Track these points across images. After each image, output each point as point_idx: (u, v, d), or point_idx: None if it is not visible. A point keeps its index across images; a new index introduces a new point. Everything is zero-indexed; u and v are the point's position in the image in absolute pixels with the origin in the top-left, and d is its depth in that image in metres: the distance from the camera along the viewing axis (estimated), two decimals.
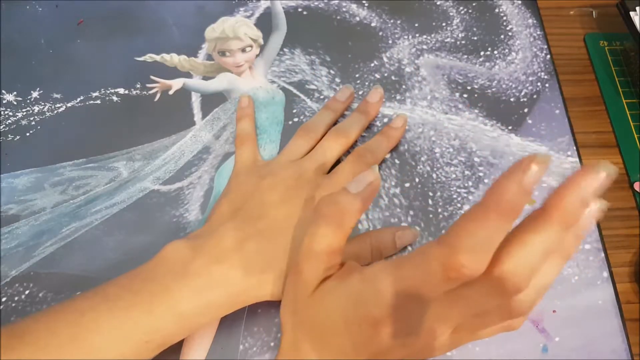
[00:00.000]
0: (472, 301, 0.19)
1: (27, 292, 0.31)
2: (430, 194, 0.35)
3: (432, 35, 0.43)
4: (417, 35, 0.43)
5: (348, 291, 0.21)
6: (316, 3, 0.44)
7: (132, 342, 0.23)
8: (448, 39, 0.43)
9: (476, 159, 0.37)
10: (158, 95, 0.39)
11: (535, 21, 0.44)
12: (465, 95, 0.40)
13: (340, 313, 0.21)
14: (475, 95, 0.40)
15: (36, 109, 0.38)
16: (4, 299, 0.31)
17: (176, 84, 0.39)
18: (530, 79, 0.41)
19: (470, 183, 0.36)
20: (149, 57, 0.40)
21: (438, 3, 0.45)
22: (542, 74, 0.41)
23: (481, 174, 0.36)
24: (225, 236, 0.26)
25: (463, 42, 0.43)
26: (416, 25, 0.44)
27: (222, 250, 0.25)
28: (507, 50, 0.42)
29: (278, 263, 0.26)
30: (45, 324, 0.23)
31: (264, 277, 0.25)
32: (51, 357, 0.22)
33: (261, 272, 0.25)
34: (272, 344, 0.30)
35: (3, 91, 0.38)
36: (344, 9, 0.44)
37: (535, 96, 0.40)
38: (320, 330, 0.22)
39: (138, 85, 0.39)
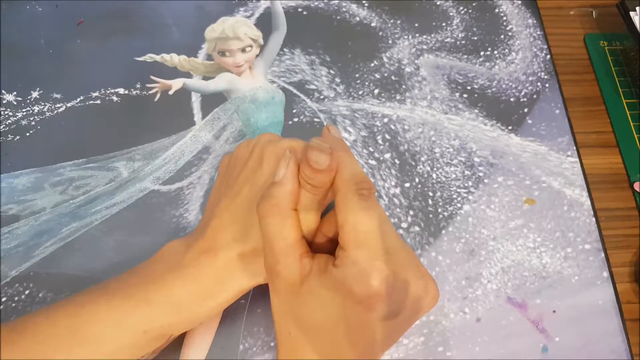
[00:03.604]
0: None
1: (27, 292, 0.31)
2: (430, 194, 0.35)
3: (432, 35, 0.43)
4: (417, 35, 0.43)
5: (331, 284, 0.22)
6: (316, 3, 0.44)
7: (129, 331, 0.23)
8: (448, 39, 0.43)
9: (476, 159, 0.37)
10: (158, 95, 0.39)
11: (535, 21, 0.44)
12: (465, 95, 0.40)
13: (331, 307, 0.22)
14: (475, 95, 0.40)
15: (36, 109, 0.38)
16: (4, 299, 0.31)
17: (176, 84, 0.39)
18: (530, 79, 0.41)
19: (470, 183, 0.36)
20: (149, 57, 0.41)
21: (438, 3, 0.45)
22: (542, 74, 0.41)
23: (481, 174, 0.36)
24: (215, 229, 0.26)
25: (463, 42, 0.43)
26: (416, 25, 0.44)
27: (211, 242, 0.26)
28: (507, 50, 0.42)
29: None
30: (45, 317, 0.23)
31: (252, 267, 0.25)
32: (49, 348, 0.22)
33: (250, 261, 0.25)
34: (272, 344, 0.30)
35: (3, 91, 0.38)
36: (344, 9, 0.44)
37: (535, 96, 0.40)
38: (316, 329, 0.22)
39: (138, 85, 0.39)
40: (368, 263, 0.21)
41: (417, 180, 0.36)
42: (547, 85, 0.41)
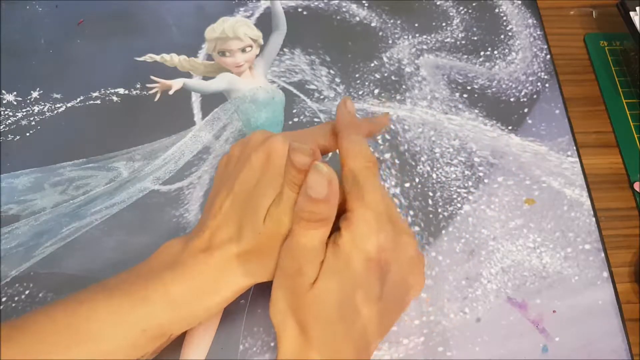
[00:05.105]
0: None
1: (27, 292, 0.31)
2: (430, 194, 0.35)
3: (432, 35, 0.43)
4: (417, 35, 0.43)
5: (342, 251, 0.23)
6: (316, 3, 0.44)
7: (128, 329, 0.23)
8: (448, 39, 0.43)
9: (476, 159, 0.37)
10: (158, 95, 0.39)
11: (535, 21, 0.44)
12: (465, 95, 0.40)
13: (335, 297, 0.23)
14: (475, 95, 0.40)
15: (36, 109, 0.38)
16: (4, 299, 0.31)
17: (176, 84, 0.39)
18: (530, 79, 0.41)
19: (470, 183, 0.36)
20: (149, 57, 0.41)
21: (438, 3, 0.45)
22: (542, 74, 0.41)
23: (481, 174, 0.36)
24: (211, 229, 0.26)
25: (463, 42, 0.43)
26: (416, 25, 0.44)
27: (207, 242, 0.26)
28: (507, 50, 0.42)
29: (263, 250, 0.26)
30: (44, 315, 0.23)
31: (249, 265, 0.26)
32: (49, 346, 0.22)
33: (247, 260, 0.26)
34: (272, 344, 0.30)
35: (3, 91, 0.38)
36: (344, 9, 0.44)
37: (535, 96, 0.40)
38: (323, 320, 0.23)
39: (138, 85, 0.39)
40: (375, 222, 0.23)
41: (417, 180, 0.36)
42: (547, 85, 0.41)
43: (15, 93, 0.38)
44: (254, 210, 0.25)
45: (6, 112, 0.38)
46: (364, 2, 0.44)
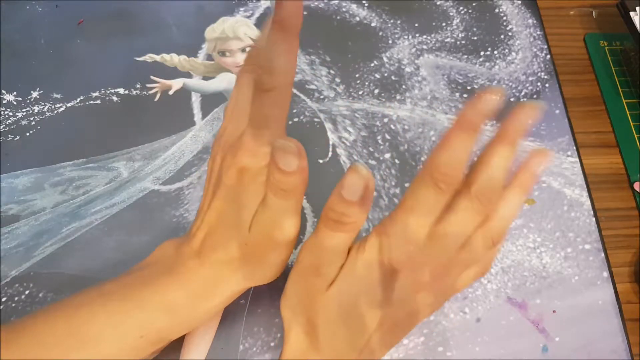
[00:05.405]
0: (455, 227, 0.22)
1: (27, 292, 0.31)
2: None
3: (432, 35, 0.43)
4: (417, 35, 0.43)
5: (366, 258, 0.23)
6: (316, 3, 0.44)
7: (127, 333, 0.23)
8: (448, 39, 0.43)
9: (476, 159, 0.37)
10: (158, 95, 0.39)
11: (535, 21, 0.44)
12: (465, 95, 0.40)
13: (345, 301, 0.23)
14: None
15: (36, 109, 0.38)
16: (4, 299, 0.31)
17: (176, 84, 0.39)
18: (530, 79, 0.41)
19: None
20: (149, 57, 0.40)
21: (438, 3, 0.45)
22: (542, 74, 0.41)
23: None
24: (200, 236, 0.26)
25: (463, 42, 0.43)
26: (416, 25, 0.44)
27: (197, 250, 0.26)
28: (507, 50, 0.42)
29: (256, 256, 0.26)
30: (43, 319, 0.23)
31: (242, 271, 0.25)
32: (49, 348, 0.22)
33: (238, 266, 0.25)
34: (272, 344, 0.30)
35: (3, 91, 0.38)
36: (344, 9, 0.44)
37: (535, 96, 0.40)
38: (331, 323, 0.23)
39: (138, 85, 0.39)
40: (404, 240, 0.23)
41: None
42: (547, 85, 0.41)
43: (15, 93, 0.38)
44: (237, 222, 0.24)
45: (6, 112, 0.38)
46: (364, 2, 0.44)
